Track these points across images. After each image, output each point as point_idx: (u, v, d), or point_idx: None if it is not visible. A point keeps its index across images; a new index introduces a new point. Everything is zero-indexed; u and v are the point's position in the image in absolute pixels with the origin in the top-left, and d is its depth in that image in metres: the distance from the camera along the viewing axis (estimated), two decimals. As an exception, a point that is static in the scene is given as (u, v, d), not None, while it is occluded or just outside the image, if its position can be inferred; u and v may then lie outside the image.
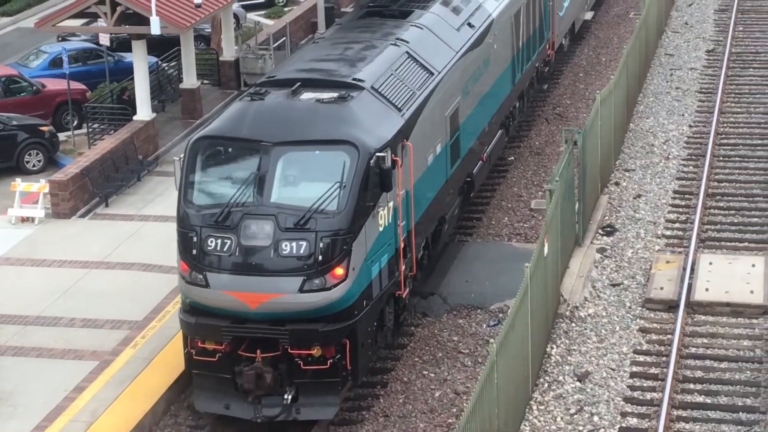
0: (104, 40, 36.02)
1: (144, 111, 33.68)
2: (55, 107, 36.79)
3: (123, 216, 29.92)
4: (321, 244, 20.05)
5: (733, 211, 29.61)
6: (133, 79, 34.14)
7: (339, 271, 20.19)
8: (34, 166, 33.62)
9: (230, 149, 21.08)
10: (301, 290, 20.05)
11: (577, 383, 22.42)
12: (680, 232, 28.69)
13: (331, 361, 20.47)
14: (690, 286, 25.54)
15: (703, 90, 38.07)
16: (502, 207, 30.27)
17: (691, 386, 22.20)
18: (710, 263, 26.44)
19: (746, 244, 27.99)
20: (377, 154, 20.80)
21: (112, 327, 24.33)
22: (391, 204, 21.71)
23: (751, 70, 39.78)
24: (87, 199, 30.58)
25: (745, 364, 22.94)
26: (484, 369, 18.11)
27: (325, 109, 21.43)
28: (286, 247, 20.06)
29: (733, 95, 37.44)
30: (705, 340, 23.89)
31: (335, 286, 20.19)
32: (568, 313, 24.86)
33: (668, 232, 28.76)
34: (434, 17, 27.35)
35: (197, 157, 21.19)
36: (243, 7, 47.49)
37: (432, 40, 26.33)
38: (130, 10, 32.67)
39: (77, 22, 37.24)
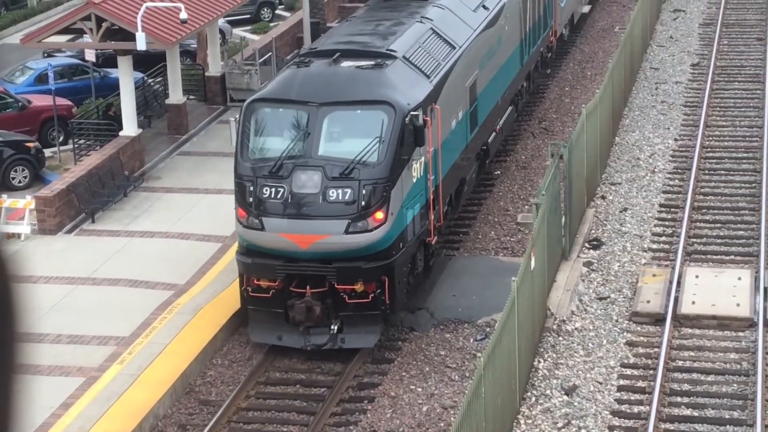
0: (90, 56, 36.01)
1: (130, 127, 33.67)
2: (41, 123, 36.76)
3: (109, 232, 29.86)
4: (363, 191, 22.91)
5: (718, 225, 29.68)
6: (119, 94, 34.13)
7: (379, 215, 23.00)
8: (20, 182, 33.58)
9: (281, 109, 23.88)
10: (346, 232, 22.88)
11: (565, 397, 22.41)
12: (666, 246, 28.74)
13: (372, 295, 23.28)
14: (676, 299, 25.58)
15: (689, 104, 38.18)
16: (488, 221, 30.30)
17: (678, 399, 22.21)
18: (696, 276, 26.48)
19: (732, 257, 28.05)
20: (411, 113, 23.62)
21: (98, 343, 24.27)
22: (422, 159, 24.53)
23: (736, 83, 39.91)
24: (73, 215, 30.53)
25: (731, 377, 22.96)
26: (472, 383, 18.11)
27: (364, 74, 24.33)
28: (333, 194, 22.91)
29: (718, 109, 37.56)
30: (692, 353, 23.90)
31: (376, 228, 23.00)
32: (555, 326, 24.86)
33: (654, 246, 28.80)
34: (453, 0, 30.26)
35: (252, 118, 23.86)
36: (229, 22, 47.52)
37: (452, 18, 29.28)
38: (115, 26, 32.67)
39: (63, 38, 37.24)
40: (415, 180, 24.22)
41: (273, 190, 23.05)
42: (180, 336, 24.31)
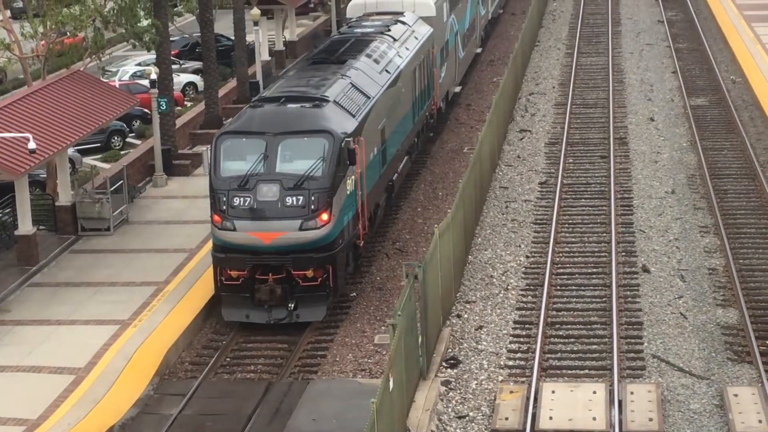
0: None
1: (-22, 259, 32.94)
2: None
3: (-43, 368, 29.01)
4: (312, 198, 29.89)
5: (572, 339, 30.10)
6: (-34, 226, 33.43)
7: (324, 216, 30.02)
8: None
9: (244, 139, 30.87)
10: (300, 229, 29.82)
11: None
12: (522, 362, 29.01)
13: (320, 279, 30.27)
14: (534, 415, 25.78)
15: (538, 221, 38.87)
16: (346, 343, 30.27)
17: None
18: (553, 392, 26.75)
19: (587, 371, 28.43)
20: (345, 139, 30.87)
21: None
22: (353, 177, 31.70)
23: (583, 200, 40.80)
24: None
25: (591, 490, 23.10)
26: None
27: (307, 111, 31.73)
28: (289, 201, 29.87)
29: (566, 225, 38.30)
30: (551, 469, 24.02)
31: (322, 226, 30.02)
32: (415, 447, 24.77)
33: (511, 362, 29.05)
34: (363, 63, 37.36)
35: (222, 146, 30.86)
36: (79, 151, 47.11)
37: (365, 77, 36.27)
38: (-38, 158, 32.15)
39: None
40: (348, 192, 31.33)
41: (242, 199, 29.90)
42: (33, 473, 23.62)
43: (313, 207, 29.83)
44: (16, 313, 32.30)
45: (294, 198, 29.83)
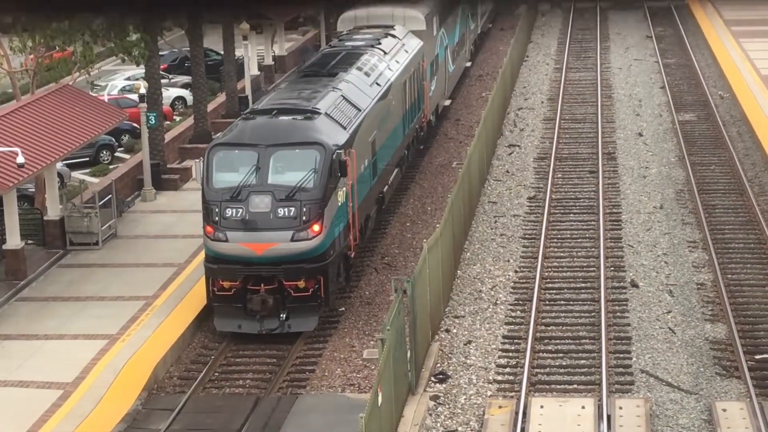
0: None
1: (-34, 273, 32.85)
2: None
3: (-56, 382, 28.90)
4: (304, 209, 30.14)
5: (561, 354, 30.10)
6: (-46, 241, 33.34)
7: (316, 227, 30.27)
8: None
9: (236, 151, 31.09)
10: (291, 240, 30.05)
11: None
12: (511, 377, 29.00)
13: (311, 290, 30.44)
14: (523, 430, 25.75)
15: (527, 236, 38.88)
16: (334, 358, 30.24)
17: None
18: (541, 407, 26.74)
19: (575, 386, 28.43)
20: (336, 151, 31.14)
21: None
22: (344, 188, 31.89)
23: (572, 215, 40.83)
24: None
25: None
26: None
27: (299, 123, 32.09)
28: (281, 212, 30.11)
29: (555, 240, 38.32)
30: (540, 484, 23.99)
31: (314, 237, 30.25)
32: (404, 462, 24.74)
33: (499, 377, 29.04)
34: (354, 76, 37.80)
35: (214, 158, 31.02)
36: (67, 165, 47.05)
37: (355, 90, 36.67)
38: (-50, 172, 32.09)
39: None
40: (339, 204, 31.57)
41: (234, 210, 30.12)
42: (20, 488, 23.54)
43: (304, 218, 30.03)
44: (4, 327, 32.22)
45: (286, 209, 30.04)
